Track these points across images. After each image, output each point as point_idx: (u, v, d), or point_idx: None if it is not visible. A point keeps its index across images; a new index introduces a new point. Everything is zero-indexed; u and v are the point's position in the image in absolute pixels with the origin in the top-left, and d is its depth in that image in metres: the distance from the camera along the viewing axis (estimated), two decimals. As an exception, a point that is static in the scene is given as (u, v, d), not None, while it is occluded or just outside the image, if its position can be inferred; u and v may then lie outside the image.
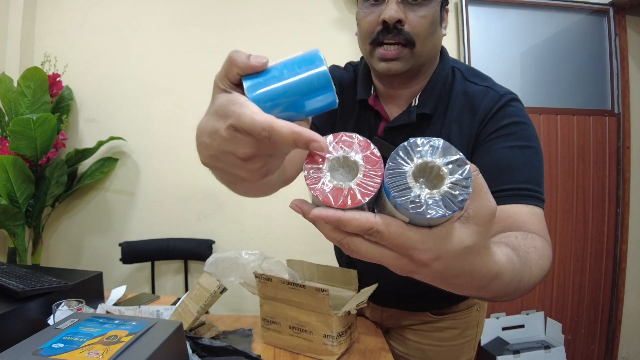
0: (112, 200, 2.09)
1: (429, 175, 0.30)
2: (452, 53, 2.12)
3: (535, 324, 2.10)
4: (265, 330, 0.91)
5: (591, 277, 2.17)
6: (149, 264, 2.01)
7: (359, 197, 0.30)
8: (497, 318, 2.07)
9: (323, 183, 0.31)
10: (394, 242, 0.30)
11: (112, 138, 1.96)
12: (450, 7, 2.08)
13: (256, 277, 0.88)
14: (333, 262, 1.04)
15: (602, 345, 2.20)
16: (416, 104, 0.76)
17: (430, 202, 0.28)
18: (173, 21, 2.08)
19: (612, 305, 2.18)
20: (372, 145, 0.32)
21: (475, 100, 0.73)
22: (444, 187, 0.29)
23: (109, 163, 2.02)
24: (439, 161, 0.30)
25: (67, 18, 2.05)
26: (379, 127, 0.80)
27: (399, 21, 0.68)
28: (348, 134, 0.32)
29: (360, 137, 0.32)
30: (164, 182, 2.08)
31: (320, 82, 0.32)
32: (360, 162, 0.31)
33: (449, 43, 2.11)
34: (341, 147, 0.32)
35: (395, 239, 0.30)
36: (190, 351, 0.75)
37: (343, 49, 2.04)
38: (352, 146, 0.32)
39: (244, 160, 0.32)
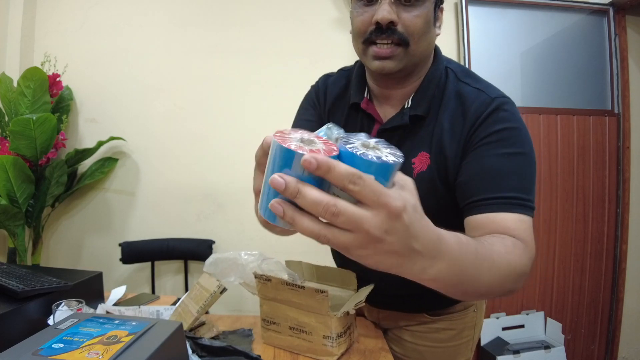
0: (112, 200, 2.09)
1: (366, 146, 0.36)
2: (452, 53, 2.12)
3: (535, 324, 2.10)
4: (265, 331, 0.92)
5: (591, 277, 2.17)
6: (149, 264, 2.01)
7: (332, 147, 0.35)
8: (497, 318, 2.08)
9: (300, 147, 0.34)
10: (373, 189, 0.32)
11: (112, 138, 1.96)
12: (450, 7, 2.10)
13: (256, 277, 0.88)
14: (332, 262, 1.04)
15: (602, 345, 2.20)
16: (409, 105, 0.77)
17: (384, 156, 0.34)
18: (173, 21, 2.08)
19: (612, 305, 2.18)
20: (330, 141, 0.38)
21: (467, 102, 0.73)
22: (385, 152, 0.35)
23: (109, 163, 2.02)
24: (372, 141, 0.37)
25: (67, 18, 2.05)
26: (373, 130, 0.80)
27: (392, 22, 0.68)
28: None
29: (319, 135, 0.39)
30: (164, 182, 2.08)
31: None
32: (319, 141, 0.36)
33: (449, 43, 2.11)
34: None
35: (373, 185, 0.32)
36: (190, 351, 0.75)
37: (343, 49, 2.04)
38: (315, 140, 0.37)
39: None
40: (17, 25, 1.95)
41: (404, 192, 0.34)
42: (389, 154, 0.35)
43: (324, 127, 0.44)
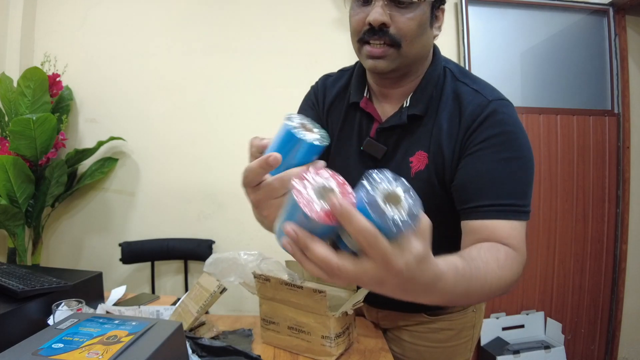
0: (112, 200, 2.09)
1: (388, 197, 0.37)
2: (452, 53, 2.12)
3: (535, 324, 2.10)
4: (265, 331, 0.92)
5: (591, 277, 2.17)
6: (148, 264, 2.01)
7: (351, 199, 0.38)
8: (497, 318, 2.08)
9: (315, 203, 0.37)
10: (381, 251, 0.35)
11: (112, 138, 1.96)
12: (450, 7, 2.10)
13: (255, 277, 0.89)
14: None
15: (602, 345, 2.20)
16: (407, 104, 0.77)
17: (397, 219, 0.35)
18: (173, 21, 2.08)
19: (612, 305, 2.18)
20: (343, 180, 0.40)
21: (463, 103, 0.74)
22: (405, 207, 0.36)
23: (108, 163, 2.02)
24: (399, 189, 0.37)
25: (67, 18, 2.05)
26: (372, 128, 0.81)
27: (384, 24, 0.69)
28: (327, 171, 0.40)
29: (332, 172, 0.40)
30: (164, 182, 2.08)
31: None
32: (336, 188, 0.38)
33: (449, 43, 2.11)
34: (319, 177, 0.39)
35: (381, 247, 0.35)
36: (190, 351, 0.75)
37: (343, 49, 2.04)
38: (328, 178, 0.39)
39: None
40: (17, 25, 1.95)
41: (413, 246, 0.37)
42: (408, 210, 0.36)
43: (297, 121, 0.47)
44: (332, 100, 0.88)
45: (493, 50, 2.12)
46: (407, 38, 0.70)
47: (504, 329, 2.07)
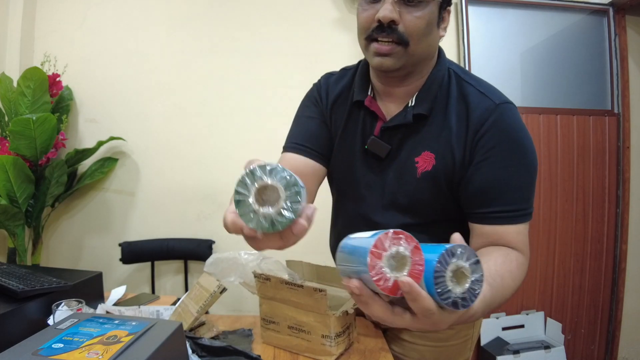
0: (112, 200, 2.09)
1: (455, 273, 0.41)
2: (452, 53, 2.12)
3: (535, 324, 2.10)
4: (265, 330, 0.92)
5: (591, 277, 2.17)
6: (148, 264, 2.01)
7: (419, 268, 0.42)
8: (497, 318, 2.08)
9: (386, 279, 0.41)
10: (433, 320, 0.42)
11: (112, 138, 1.96)
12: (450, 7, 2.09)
13: (255, 276, 0.88)
14: (332, 262, 1.04)
15: (602, 345, 2.20)
16: (413, 104, 0.78)
17: (456, 299, 0.41)
18: (173, 21, 2.08)
19: (612, 305, 2.18)
20: (415, 241, 0.42)
21: (470, 106, 0.75)
22: (467, 285, 0.41)
23: (108, 163, 2.02)
24: (467, 265, 0.41)
25: (66, 18, 2.05)
26: (376, 127, 0.81)
27: (393, 21, 0.69)
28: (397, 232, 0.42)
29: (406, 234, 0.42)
30: (164, 182, 2.08)
31: None
32: (409, 256, 0.41)
33: (449, 43, 2.11)
34: (393, 243, 0.41)
35: (435, 317, 0.42)
36: (190, 351, 0.75)
37: (343, 49, 2.04)
38: (400, 241, 0.41)
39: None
40: (17, 25, 1.95)
41: (455, 315, 0.44)
42: (470, 289, 0.41)
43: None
44: (335, 99, 0.87)
45: (493, 50, 2.12)
46: (414, 36, 0.71)
47: (504, 329, 2.07)
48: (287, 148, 0.87)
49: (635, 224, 2.17)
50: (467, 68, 2.02)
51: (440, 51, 0.81)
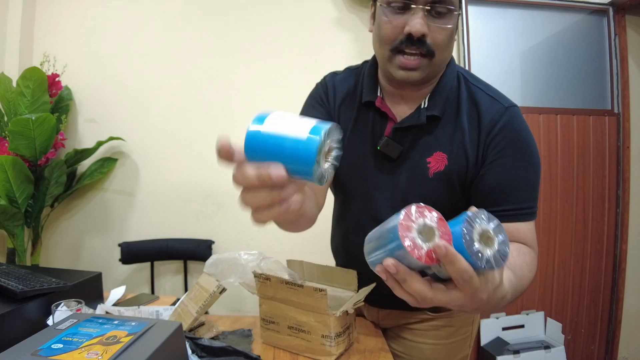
0: (111, 201, 2.08)
1: (482, 237, 0.43)
2: (452, 53, 2.12)
3: (535, 324, 2.10)
4: (264, 330, 0.91)
5: (591, 277, 2.17)
6: (148, 264, 2.01)
7: (447, 238, 0.43)
8: (497, 318, 2.07)
9: (420, 247, 0.42)
10: (473, 286, 0.43)
11: (111, 138, 1.95)
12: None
13: (255, 276, 0.88)
14: (332, 262, 1.03)
15: (602, 345, 2.20)
16: (425, 106, 0.78)
17: (491, 260, 0.42)
18: (172, 21, 2.07)
19: (612, 305, 2.18)
20: (438, 214, 0.44)
21: (481, 109, 0.77)
22: (495, 246, 0.43)
23: (108, 163, 2.02)
24: (491, 227, 0.43)
25: (66, 18, 2.05)
26: (386, 128, 0.81)
27: (423, 34, 0.69)
28: (421, 206, 0.44)
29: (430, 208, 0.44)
30: (164, 182, 2.08)
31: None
32: (436, 227, 0.43)
33: (449, 43, 2.11)
34: (419, 216, 0.43)
35: (475, 283, 0.43)
36: (189, 352, 0.75)
37: (343, 49, 2.04)
38: (425, 213, 0.43)
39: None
40: (16, 25, 1.95)
41: (495, 278, 0.45)
42: (499, 249, 0.43)
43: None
44: (343, 98, 0.87)
45: (493, 50, 2.12)
46: (440, 48, 0.72)
47: (504, 329, 2.07)
48: None
49: (635, 224, 2.17)
50: (467, 68, 2.02)
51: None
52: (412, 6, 0.68)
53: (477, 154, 0.76)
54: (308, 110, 0.90)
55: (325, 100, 0.88)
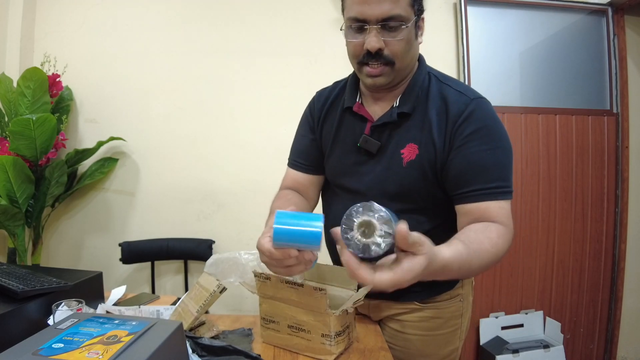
0: (111, 201, 2.09)
1: (363, 226, 0.52)
2: (451, 53, 2.11)
3: (534, 323, 2.11)
4: (265, 330, 0.92)
5: (590, 276, 2.18)
6: (148, 264, 2.01)
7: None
8: (496, 317, 2.08)
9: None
10: (363, 270, 0.52)
11: (112, 138, 1.96)
12: (450, 7, 2.10)
13: (255, 275, 0.89)
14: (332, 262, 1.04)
15: (601, 344, 2.20)
16: (397, 104, 0.88)
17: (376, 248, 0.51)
18: (173, 22, 2.08)
19: (611, 304, 2.19)
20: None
21: (449, 102, 0.84)
22: (378, 231, 0.51)
23: (108, 163, 2.02)
24: (369, 218, 0.52)
25: (66, 18, 2.05)
26: (366, 127, 0.91)
27: (379, 49, 0.79)
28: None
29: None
30: (164, 182, 2.08)
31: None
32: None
33: (448, 43, 2.10)
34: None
35: (363, 273, 0.52)
36: (190, 351, 0.75)
37: (343, 49, 2.04)
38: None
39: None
40: (17, 26, 1.95)
41: (415, 263, 0.52)
42: (381, 232, 0.51)
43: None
44: (327, 108, 0.99)
45: (492, 50, 2.13)
46: (399, 56, 0.81)
47: (503, 328, 2.08)
48: (289, 164, 1.05)
49: (634, 224, 2.17)
50: (466, 68, 2.02)
51: (421, 57, 0.92)
52: (366, 27, 0.78)
53: (444, 142, 0.83)
54: (299, 128, 1.06)
55: (310, 118, 1.03)
